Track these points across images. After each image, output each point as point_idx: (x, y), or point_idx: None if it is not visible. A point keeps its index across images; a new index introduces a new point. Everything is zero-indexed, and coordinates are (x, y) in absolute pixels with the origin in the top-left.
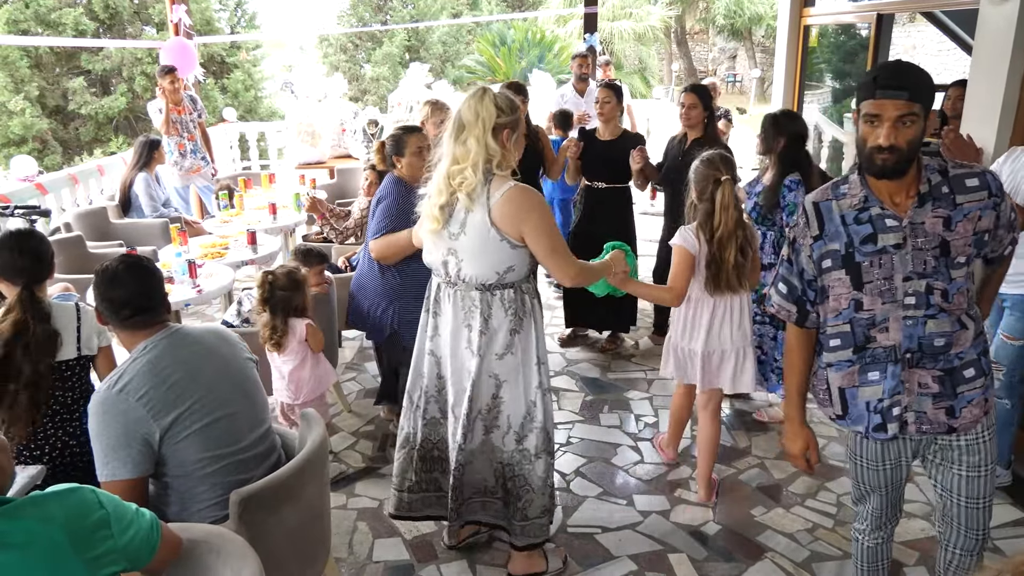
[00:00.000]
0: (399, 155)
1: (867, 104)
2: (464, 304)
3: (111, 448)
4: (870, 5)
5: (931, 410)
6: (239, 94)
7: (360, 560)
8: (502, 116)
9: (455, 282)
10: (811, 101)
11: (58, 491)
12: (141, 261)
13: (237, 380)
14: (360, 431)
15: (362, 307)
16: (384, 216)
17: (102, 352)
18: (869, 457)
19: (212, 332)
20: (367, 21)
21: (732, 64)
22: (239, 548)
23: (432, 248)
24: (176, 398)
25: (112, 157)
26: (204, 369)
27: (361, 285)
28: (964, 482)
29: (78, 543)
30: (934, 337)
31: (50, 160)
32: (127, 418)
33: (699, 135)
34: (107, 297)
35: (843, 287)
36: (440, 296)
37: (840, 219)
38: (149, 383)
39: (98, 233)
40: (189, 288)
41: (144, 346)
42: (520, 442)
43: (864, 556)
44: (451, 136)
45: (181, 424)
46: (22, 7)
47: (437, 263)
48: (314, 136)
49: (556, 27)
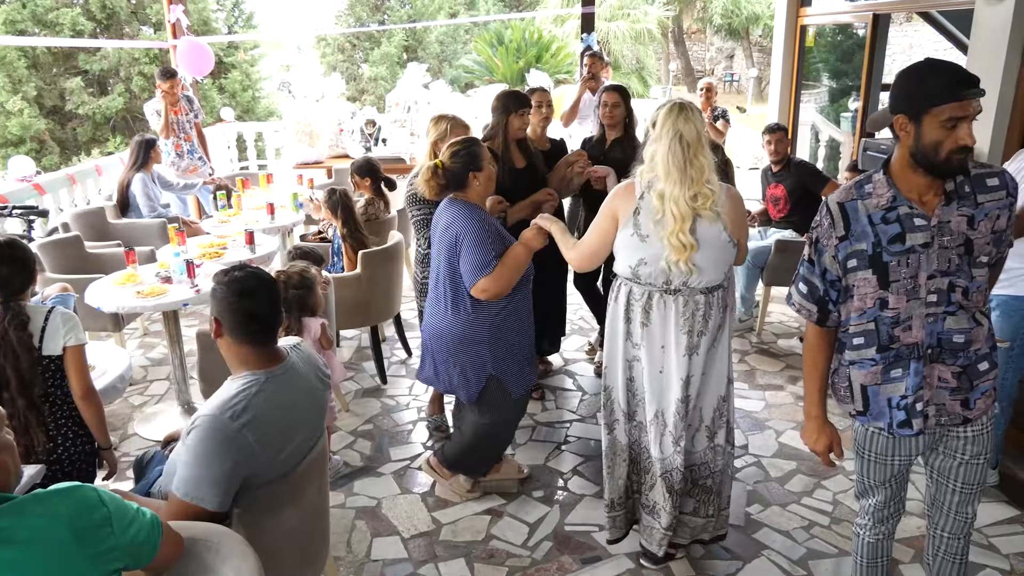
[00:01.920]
0: (477, 170)
1: (950, 107)
2: (687, 309)
3: (213, 479)
4: (867, 5)
5: (948, 402)
6: (237, 94)
7: (359, 559)
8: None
9: (678, 289)
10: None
11: (60, 489)
12: (272, 278)
13: (319, 422)
14: (358, 430)
15: (446, 362)
16: (480, 247)
17: (68, 353)
18: (879, 451)
19: (309, 363)
20: (365, 21)
21: (729, 64)
22: (238, 546)
23: (649, 259)
24: (281, 447)
25: (110, 157)
26: (305, 415)
27: (443, 334)
28: (963, 469)
29: (82, 540)
30: (953, 334)
31: (48, 160)
32: (242, 455)
33: (619, 135)
34: (237, 307)
35: (869, 287)
36: (651, 304)
37: (867, 219)
38: (267, 423)
39: (96, 233)
40: (187, 288)
41: (264, 377)
42: (712, 438)
43: (864, 552)
44: (679, 157)
45: (272, 471)
46: (19, 7)
47: (653, 272)
48: (312, 136)
49: (554, 27)
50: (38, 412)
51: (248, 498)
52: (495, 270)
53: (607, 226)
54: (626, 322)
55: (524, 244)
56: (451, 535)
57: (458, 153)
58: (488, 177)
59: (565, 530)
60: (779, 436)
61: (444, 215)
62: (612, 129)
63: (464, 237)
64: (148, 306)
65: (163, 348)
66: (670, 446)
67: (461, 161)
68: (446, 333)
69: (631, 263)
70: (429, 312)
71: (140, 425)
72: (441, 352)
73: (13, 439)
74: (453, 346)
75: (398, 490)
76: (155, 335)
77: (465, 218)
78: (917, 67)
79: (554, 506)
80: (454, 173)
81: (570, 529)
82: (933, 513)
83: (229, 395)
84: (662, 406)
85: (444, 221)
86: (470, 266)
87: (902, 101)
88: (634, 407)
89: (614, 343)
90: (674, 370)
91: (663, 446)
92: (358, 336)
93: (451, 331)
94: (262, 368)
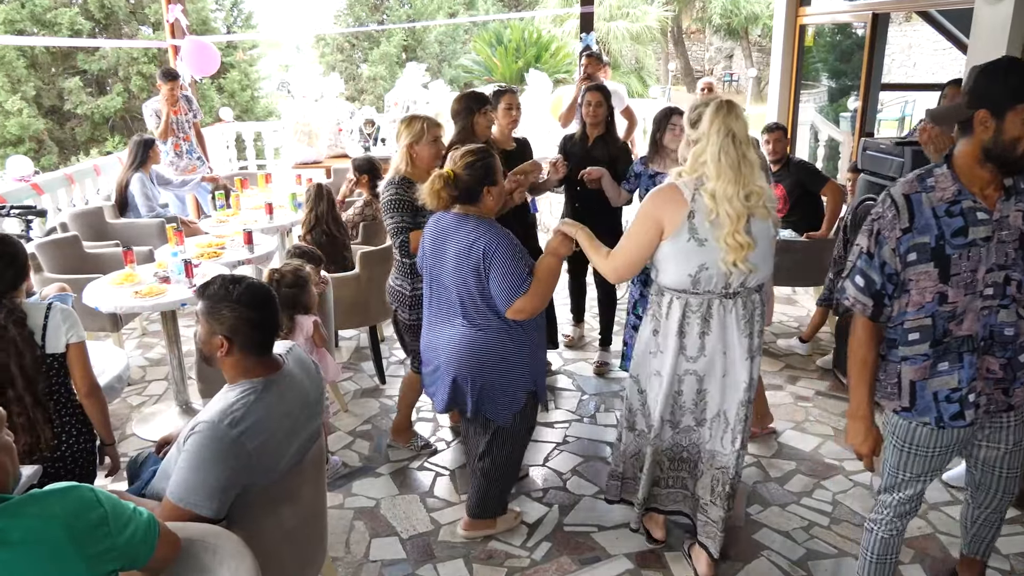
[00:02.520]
0: (492, 184)
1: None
2: (746, 311)
3: (209, 486)
4: (866, 4)
5: (994, 392)
6: (236, 94)
7: (357, 559)
8: None
9: (736, 291)
10: (807, 100)
11: (57, 489)
12: (266, 283)
13: (315, 425)
14: (357, 431)
15: (484, 385)
16: (515, 266)
17: (71, 350)
18: (921, 444)
19: (303, 368)
20: (364, 21)
21: (729, 63)
22: (235, 547)
23: (710, 263)
24: (280, 454)
25: (108, 157)
26: (303, 421)
27: (480, 355)
28: (1008, 457)
29: (78, 541)
30: (1004, 327)
31: (46, 160)
32: (239, 463)
33: (601, 132)
34: (256, 322)
35: (929, 280)
36: (711, 312)
37: (931, 212)
38: (266, 432)
39: (94, 233)
40: (185, 288)
41: (263, 384)
42: (734, 442)
43: (877, 547)
44: (732, 156)
45: (269, 478)
46: (18, 7)
47: (715, 277)
48: (311, 136)
49: (553, 27)
50: (44, 409)
51: (245, 499)
52: (531, 288)
53: (649, 235)
54: (679, 336)
55: (552, 255)
56: (450, 535)
57: (474, 165)
58: (500, 192)
59: (564, 530)
60: (779, 436)
61: (459, 232)
62: (594, 127)
63: (494, 256)
64: (146, 306)
65: (161, 348)
66: (729, 444)
67: (477, 174)
68: (484, 354)
69: (690, 271)
70: (446, 334)
71: (138, 425)
72: (477, 375)
73: (12, 440)
74: (494, 366)
75: (396, 490)
76: (153, 335)
77: (491, 236)
78: (999, 65)
79: (553, 506)
80: (468, 186)
81: (569, 529)
82: (979, 495)
83: (228, 403)
84: (724, 407)
85: (463, 239)
86: (505, 287)
87: (984, 98)
88: (679, 416)
89: (661, 362)
90: (740, 373)
91: (724, 442)
92: (357, 336)
93: (492, 350)
94: (261, 376)
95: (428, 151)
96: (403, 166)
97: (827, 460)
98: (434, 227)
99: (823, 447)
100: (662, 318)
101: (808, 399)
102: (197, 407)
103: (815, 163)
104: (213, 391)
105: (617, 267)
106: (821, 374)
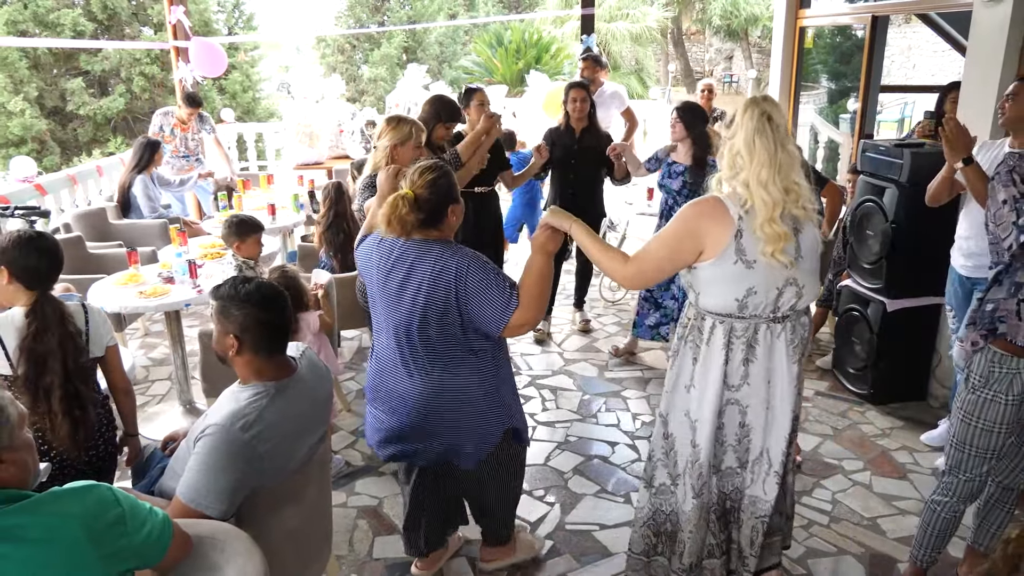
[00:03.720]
0: (455, 202)
1: None
2: (795, 336)
3: (219, 488)
4: (865, 7)
5: None
6: (237, 95)
7: (360, 558)
8: None
9: (785, 315)
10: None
11: (76, 488)
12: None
13: (324, 427)
14: (359, 430)
15: (455, 428)
16: (496, 282)
17: (109, 352)
18: (992, 420)
19: (314, 371)
20: (364, 22)
21: (729, 65)
22: (244, 545)
23: (759, 286)
24: (290, 457)
25: (111, 158)
26: (314, 425)
27: (451, 397)
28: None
29: (96, 539)
30: None
31: (49, 161)
32: (250, 467)
33: (585, 125)
34: (265, 321)
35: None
36: (756, 338)
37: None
38: (277, 435)
39: (97, 234)
40: (189, 288)
41: (275, 388)
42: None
43: (938, 525)
44: (769, 139)
45: (278, 480)
46: (20, 8)
47: (764, 301)
48: (312, 137)
49: (553, 28)
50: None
51: (251, 498)
52: (522, 299)
53: (686, 248)
54: (724, 364)
55: (541, 252)
56: None
57: (436, 183)
58: (462, 210)
59: (566, 529)
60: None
61: (423, 261)
62: (579, 121)
63: (468, 282)
64: (151, 306)
65: (164, 348)
66: (774, 487)
67: (440, 192)
68: (456, 394)
69: (737, 295)
70: (402, 381)
71: (142, 425)
72: (449, 418)
73: (32, 438)
74: (469, 405)
75: (399, 489)
76: (156, 335)
77: (460, 258)
78: None
79: (555, 505)
80: (434, 207)
81: (571, 528)
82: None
83: (240, 405)
84: (767, 444)
85: (428, 268)
86: (494, 308)
87: None
88: (721, 456)
89: (700, 398)
90: (786, 404)
91: (767, 487)
92: (358, 336)
93: (464, 389)
94: (273, 379)
95: (409, 155)
96: (383, 164)
97: (826, 460)
98: (382, 256)
99: (823, 447)
100: (703, 343)
101: (808, 399)
102: (201, 407)
103: (815, 164)
104: (217, 390)
105: (644, 271)
106: (821, 374)
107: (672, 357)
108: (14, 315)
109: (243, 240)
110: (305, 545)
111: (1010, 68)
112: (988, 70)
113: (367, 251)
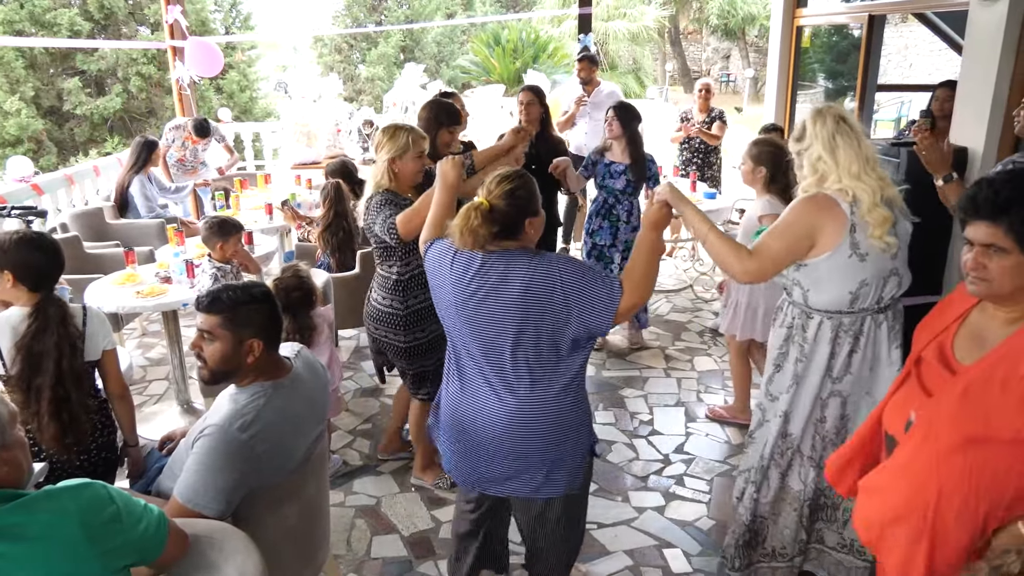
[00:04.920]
0: (535, 215)
1: None
2: (895, 322)
3: (217, 489)
4: (862, 6)
5: None
6: (234, 95)
7: (358, 556)
8: None
9: (887, 305)
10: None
11: (71, 486)
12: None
13: (321, 427)
14: (357, 429)
15: (550, 457)
16: (600, 277)
17: (107, 356)
18: None
19: (311, 370)
20: (362, 21)
21: (726, 64)
22: (242, 543)
23: (871, 278)
24: (288, 457)
25: (108, 158)
26: (311, 425)
27: (545, 422)
28: None
29: (93, 536)
30: None
31: (45, 161)
32: (249, 466)
33: (538, 129)
34: (268, 312)
35: None
36: (863, 329)
37: None
38: (275, 435)
39: (95, 233)
40: (187, 288)
41: (272, 388)
42: None
43: None
44: (851, 137)
45: (276, 479)
46: (17, 7)
47: (870, 292)
48: (310, 136)
49: (551, 27)
50: (86, 409)
51: (249, 497)
52: (628, 281)
53: (801, 243)
54: (830, 358)
55: (653, 229)
56: (450, 533)
57: (514, 193)
58: (542, 222)
59: None
60: None
61: (510, 277)
62: (531, 125)
63: (568, 287)
64: (148, 306)
65: (162, 348)
66: None
67: (519, 203)
68: (551, 420)
69: (851, 288)
70: (488, 403)
71: (139, 425)
72: (543, 446)
73: (24, 436)
74: (563, 432)
75: (397, 488)
76: (153, 335)
77: (551, 267)
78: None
79: None
80: (511, 219)
81: None
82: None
83: (238, 406)
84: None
85: (518, 284)
86: (602, 303)
87: None
88: (821, 450)
89: (802, 386)
90: (885, 388)
91: None
92: (356, 336)
93: (559, 414)
94: (271, 378)
95: (412, 166)
96: (384, 182)
97: None
98: (459, 273)
99: None
100: (808, 342)
101: None
102: (198, 406)
103: None
104: (215, 390)
105: (764, 267)
106: None
107: (776, 359)
108: (12, 314)
109: (226, 240)
110: (303, 544)
111: (1007, 67)
112: (985, 69)
113: (436, 261)
